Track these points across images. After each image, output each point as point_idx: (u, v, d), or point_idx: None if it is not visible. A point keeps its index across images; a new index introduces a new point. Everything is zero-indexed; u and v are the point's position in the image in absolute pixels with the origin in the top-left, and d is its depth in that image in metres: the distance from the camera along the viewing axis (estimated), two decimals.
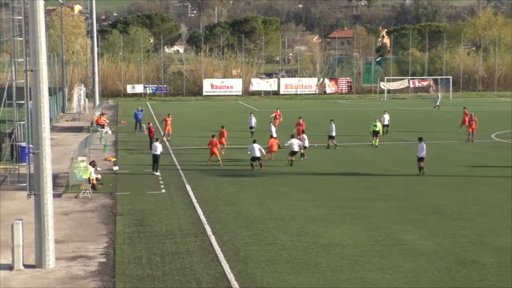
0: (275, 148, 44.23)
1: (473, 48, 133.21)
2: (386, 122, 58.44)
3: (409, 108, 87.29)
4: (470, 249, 24.46)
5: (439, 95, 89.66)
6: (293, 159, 42.57)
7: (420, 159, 39.10)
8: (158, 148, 40.14)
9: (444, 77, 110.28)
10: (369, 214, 29.91)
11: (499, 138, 55.98)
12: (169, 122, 55.65)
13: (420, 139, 39.76)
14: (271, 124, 53.06)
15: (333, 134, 49.97)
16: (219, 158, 42.91)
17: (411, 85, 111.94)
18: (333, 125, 50.17)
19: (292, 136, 44.53)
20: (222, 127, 48.88)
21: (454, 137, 56.05)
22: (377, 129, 51.60)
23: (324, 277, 21.38)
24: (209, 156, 42.88)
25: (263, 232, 26.78)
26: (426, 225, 27.93)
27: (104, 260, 23.32)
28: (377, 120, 52.47)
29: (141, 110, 64.07)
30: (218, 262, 22.94)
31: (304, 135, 45.83)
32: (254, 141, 41.90)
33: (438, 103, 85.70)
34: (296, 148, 42.66)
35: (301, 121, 51.98)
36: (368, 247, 24.77)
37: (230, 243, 25.21)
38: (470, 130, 54.54)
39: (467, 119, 58.87)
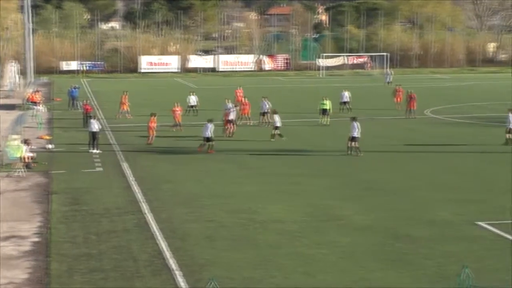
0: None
1: (409, 25, 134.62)
2: (345, 99, 57.03)
3: (346, 85, 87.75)
4: (403, 223, 24.87)
5: (390, 72, 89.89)
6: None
7: (353, 139, 38.28)
8: (95, 125, 39.65)
9: (380, 54, 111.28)
10: (307, 190, 30.13)
11: (434, 114, 56.84)
12: (124, 100, 54.83)
13: (353, 119, 39.12)
14: (228, 100, 51.44)
15: (266, 110, 49.77)
16: (149, 137, 42.25)
17: (348, 62, 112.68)
18: (265, 102, 50.01)
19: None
20: (176, 104, 48.21)
21: (391, 113, 56.58)
22: (325, 107, 50.26)
23: (262, 253, 21.50)
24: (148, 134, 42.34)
25: (200, 209, 26.76)
26: (362, 201, 28.28)
27: (38, 239, 23.02)
28: (324, 98, 51.14)
29: (78, 88, 63.18)
30: (155, 240, 22.87)
31: (276, 116, 43.98)
32: (210, 120, 40.13)
33: (390, 80, 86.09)
34: (231, 117, 45.43)
35: (246, 101, 51.84)
36: (306, 223, 24.97)
37: (168, 221, 25.13)
38: (410, 107, 54.22)
39: (400, 96, 59.22)
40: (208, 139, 39.37)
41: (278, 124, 43.51)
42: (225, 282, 18.92)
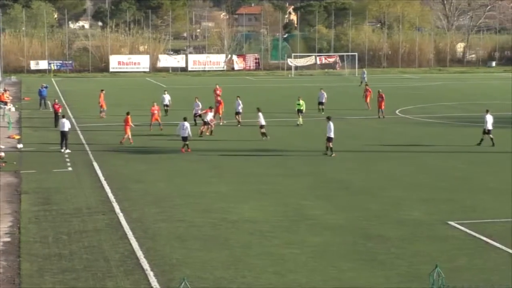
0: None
1: (378, 25, 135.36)
2: (323, 100, 56.94)
3: (318, 85, 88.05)
4: (375, 223, 24.98)
5: (365, 71, 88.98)
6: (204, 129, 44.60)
7: (329, 139, 37.92)
8: (66, 124, 39.35)
9: (350, 53, 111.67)
10: (278, 189, 30.15)
11: (403, 114, 57.15)
12: (101, 99, 54.76)
13: (328, 118, 38.87)
14: (197, 98, 50.24)
15: (240, 110, 49.54)
16: (129, 137, 41.80)
17: (318, 62, 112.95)
18: (239, 101, 49.75)
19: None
20: (154, 103, 47.66)
21: (362, 113, 56.70)
22: (300, 107, 50.19)
23: (233, 253, 21.49)
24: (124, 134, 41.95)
25: (172, 209, 26.70)
26: (333, 200, 28.36)
27: (8, 239, 22.82)
28: (299, 98, 50.92)
29: (46, 87, 62.80)
30: (126, 240, 22.77)
31: (260, 114, 43.79)
32: (185, 119, 39.79)
33: (365, 79, 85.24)
34: (207, 118, 44.70)
35: (219, 99, 51.72)
36: (277, 222, 24.99)
37: (139, 221, 25.04)
38: (380, 107, 53.96)
39: (369, 95, 59.27)
40: (185, 139, 38.96)
41: (263, 122, 43.29)
42: (197, 282, 18.91)
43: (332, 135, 37.90)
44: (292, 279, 19.40)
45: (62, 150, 38.67)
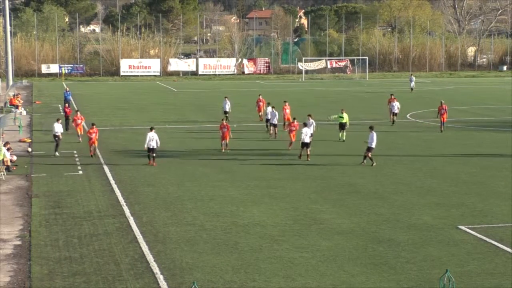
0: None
1: (389, 29, 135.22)
2: (396, 110, 53.34)
3: (326, 89, 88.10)
4: (385, 227, 24.93)
5: (413, 77, 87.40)
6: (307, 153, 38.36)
7: (369, 149, 36.62)
8: (56, 128, 40.14)
9: (360, 57, 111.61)
10: (288, 193, 30.14)
11: (414, 118, 57.04)
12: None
13: (371, 128, 37.43)
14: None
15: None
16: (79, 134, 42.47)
17: (329, 66, 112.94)
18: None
19: (305, 125, 38.99)
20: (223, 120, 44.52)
21: (373, 117, 56.63)
22: (343, 121, 45.12)
23: (243, 257, 21.50)
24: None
25: (182, 213, 26.73)
26: (343, 204, 28.32)
27: (19, 242, 22.89)
28: (343, 110, 46.00)
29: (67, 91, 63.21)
30: (137, 243, 22.81)
31: (312, 121, 41.45)
32: (152, 129, 37.17)
33: (413, 85, 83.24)
34: (307, 139, 38.22)
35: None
36: (287, 226, 24.98)
37: (149, 224, 25.08)
38: (442, 119, 50.08)
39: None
40: (152, 150, 36.37)
41: (307, 140, 40.22)
42: (207, 286, 18.93)
43: (373, 145, 36.67)
44: (303, 283, 19.39)
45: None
